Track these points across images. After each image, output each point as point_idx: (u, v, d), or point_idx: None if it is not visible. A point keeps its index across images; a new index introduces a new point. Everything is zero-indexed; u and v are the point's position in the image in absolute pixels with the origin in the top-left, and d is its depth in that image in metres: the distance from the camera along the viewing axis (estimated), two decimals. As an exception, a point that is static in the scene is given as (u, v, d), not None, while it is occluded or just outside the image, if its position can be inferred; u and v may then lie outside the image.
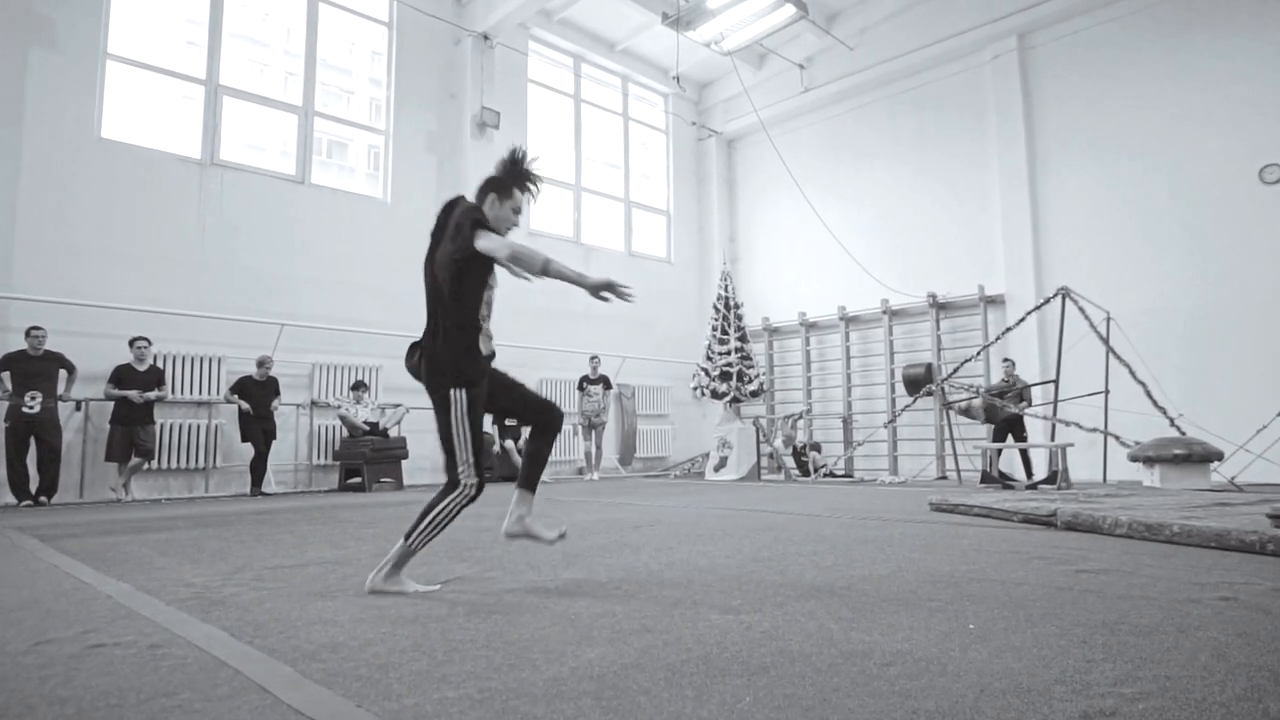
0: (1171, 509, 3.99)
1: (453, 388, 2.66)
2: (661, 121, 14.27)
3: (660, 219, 14.14)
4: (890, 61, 12.06)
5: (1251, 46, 9.10)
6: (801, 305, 13.05)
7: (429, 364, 2.70)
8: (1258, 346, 8.83)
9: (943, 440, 11.13)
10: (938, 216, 11.74)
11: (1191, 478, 6.41)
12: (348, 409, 8.82)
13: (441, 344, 2.71)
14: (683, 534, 4.09)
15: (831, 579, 2.72)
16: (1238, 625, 1.98)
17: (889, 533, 4.05)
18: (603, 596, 2.45)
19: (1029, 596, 2.38)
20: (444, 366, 2.68)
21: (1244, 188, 9.04)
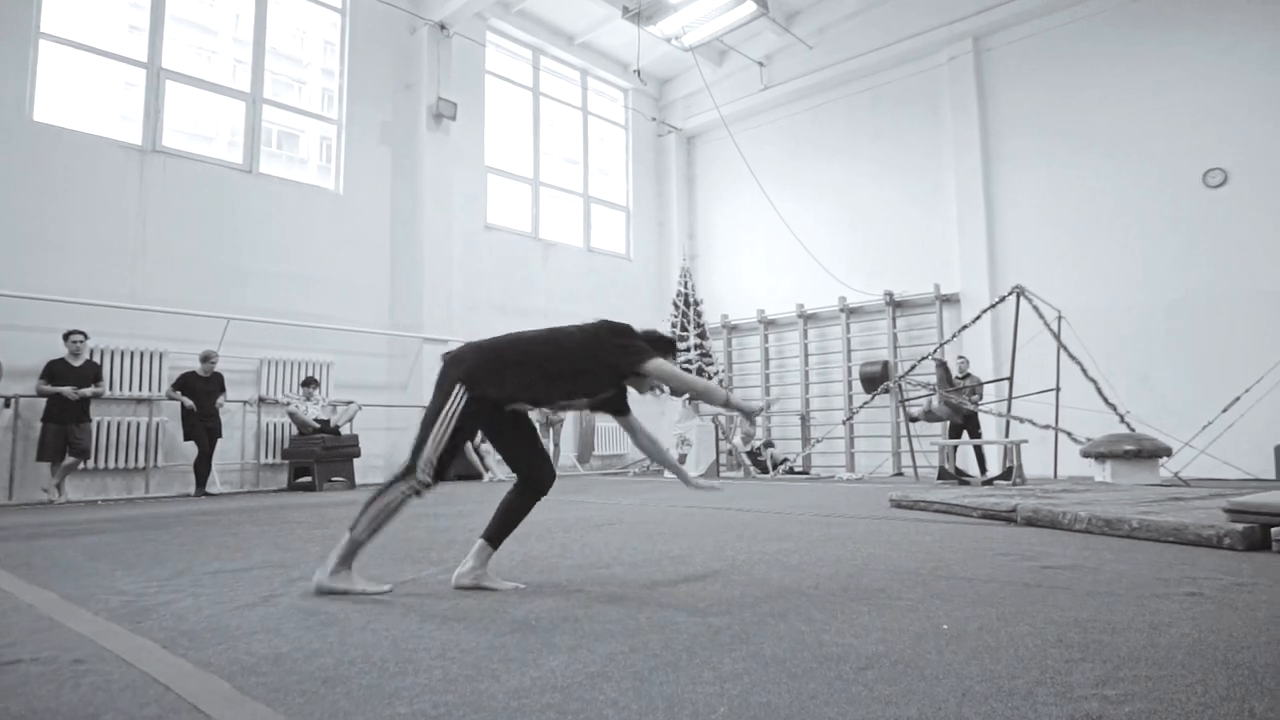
0: (1127, 504, 4.03)
1: (463, 385, 2.56)
2: (621, 117, 14.17)
3: (619, 215, 14.05)
4: (849, 61, 12.14)
5: (1196, 54, 9.35)
6: (760, 303, 13.08)
7: (469, 355, 2.67)
8: (1200, 345, 9.09)
9: (898, 437, 11.25)
10: (895, 215, 11.85)
11: (1141, 473, 6.54)
12: (297, 406, 8.55)
13: (500, 364, 2.63)
14: (644, 533, 4.01)
15: (799, 578, 2.66)
16: (1207, 621, 1.97)
17: (852, 530, 4.02)
18: (564, 600, 2.35)
19: (998, 594, 2.35)
20: (473, 370, 2.59)
21: (1189, 191, 9.29)
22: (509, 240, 11.95)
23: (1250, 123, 8.97)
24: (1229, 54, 9.15)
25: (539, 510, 5.30)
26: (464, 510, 5.50)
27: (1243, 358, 8.53)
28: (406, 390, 10.27)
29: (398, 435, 10.20)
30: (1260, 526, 3.06)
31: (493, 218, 11.75)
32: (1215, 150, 9.14)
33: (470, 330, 11.06)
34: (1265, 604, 2.15)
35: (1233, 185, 9.05)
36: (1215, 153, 9.14)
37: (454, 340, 10.68)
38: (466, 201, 11.27)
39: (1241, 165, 9.02)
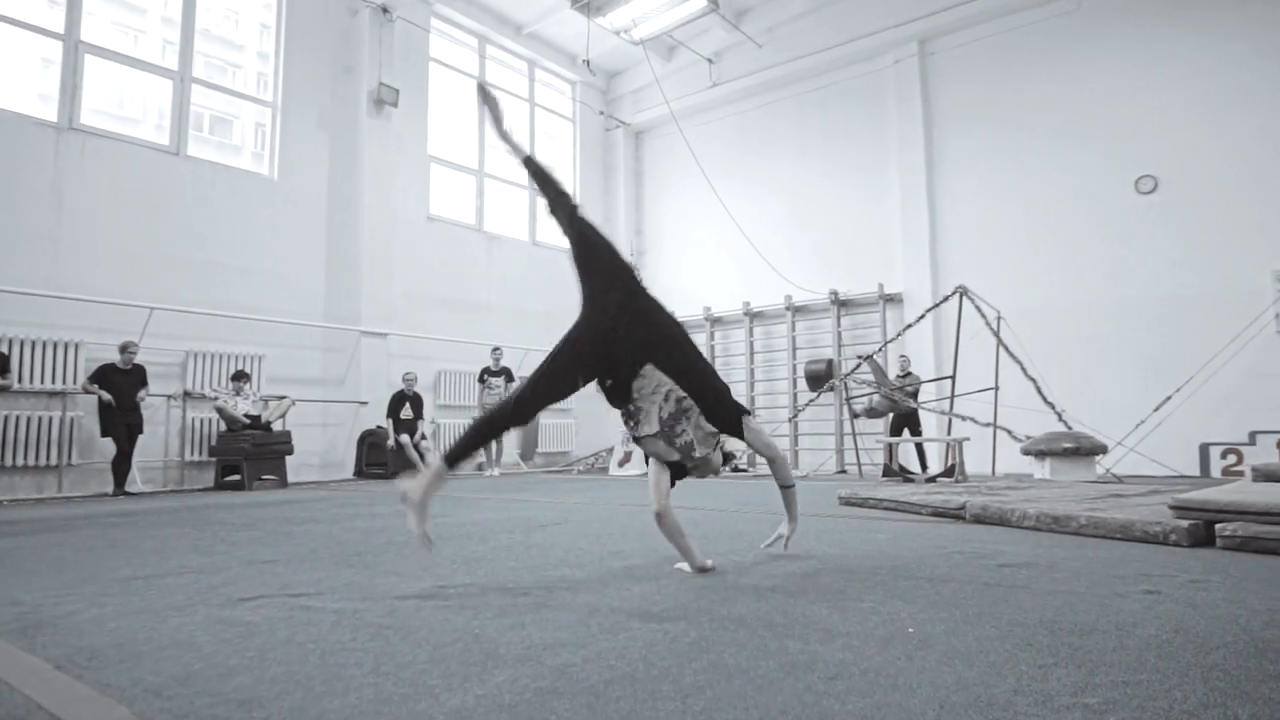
0: (1072, 501, 4.06)
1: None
2: (569, 109, 13.98)
3: (566, 209, 13.83)
4: (797, 60, 12.18)
5: (1129, 64, 9.64)
6: (707, 300, 13.05)
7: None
8: (1131, 347, 9.37)
9: (842, 435, 11.35)
10: (841, 215, 11.95)
11: (1079, 470, 6.69)
12: (226, 401, 8.16)
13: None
14: (592, 533, 3.88)
15: (755, 580, 2.56)
16: (1172, 621, 1.93)
17: (804, 528, 3.95)
18: (510, 606, 2.20)
19: (959, 594, 2.29)
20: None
21: (1122, 197, 9.57)
22: (452, 232, 11.66)
23: (1179, 132, 9.28)
24: (1160, 65, 9.45)
25: (480, 510, 5.14)
26: (401, 510, 5.26)
27: (1171, 359, 8.82)
28: (344, 385, 9.92)
29: (334, 432, 9.84)
30: (1204, 523, 3.09)
31: (436, 208, 11.45)
32: (1146, 158, 9.43)
33: (411, 324, 10.76)
34: (1223, 602, 2.13)
35: (1163, 192, 9.35)
36: (1146, 160, 9.43)
37: (394, 334, 10.37)
38: (408, 191, 10.95)
39: (1171, 172, 9.32)
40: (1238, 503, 3.03)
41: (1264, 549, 2.87)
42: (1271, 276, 8.74)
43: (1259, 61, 8.93)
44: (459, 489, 7.67)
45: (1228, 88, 9.07)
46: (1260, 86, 8.91)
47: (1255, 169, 8.87)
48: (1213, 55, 9.17)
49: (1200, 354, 8.51)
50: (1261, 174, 8.83)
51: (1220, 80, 9.10)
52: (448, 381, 11.21)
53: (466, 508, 5.42)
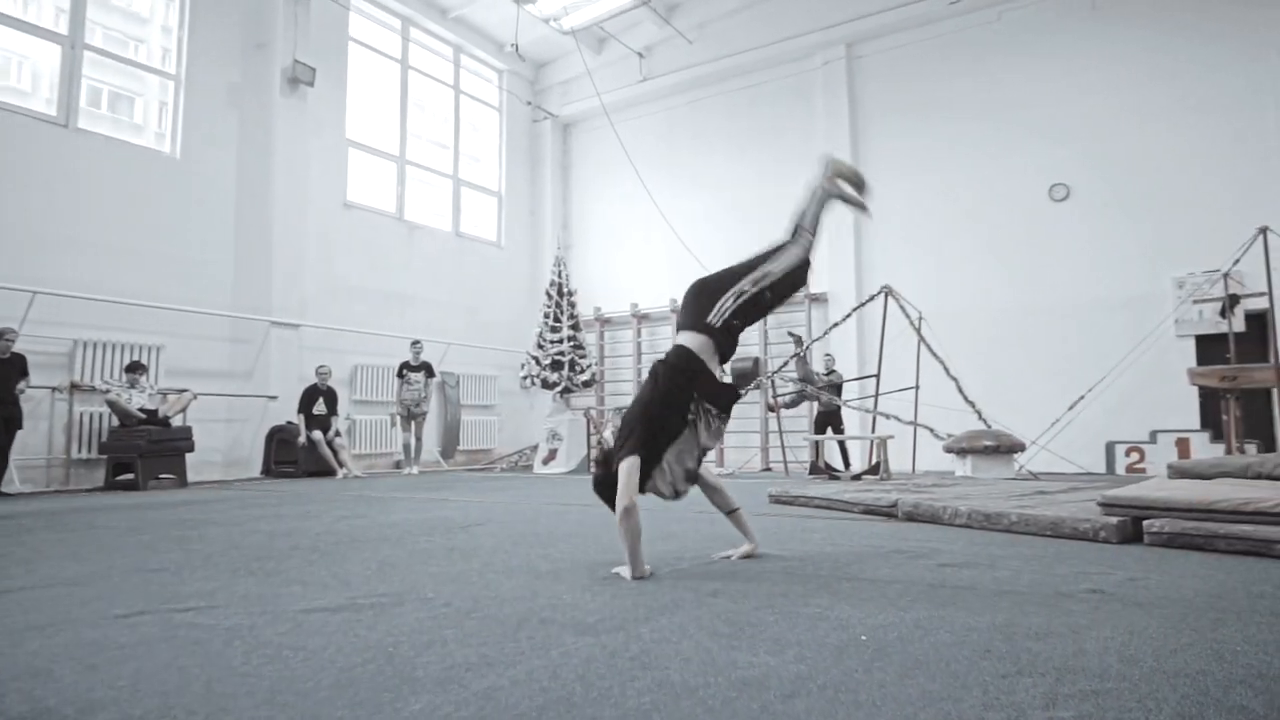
0: (1000, 498, 4.08)
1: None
2: (495, 98, 13.63)
3: (491, 200, 13.52)
4: (728, 58, 12.18)
5: (1045, 75, 9.97)
6: (634, 296, 12.94)
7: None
8: (1044, 348, 9.70)
9: (767, 433, 11.41)
10: (769, 213, 11.97)
11: (999, 467, 6.84)
12: (119, 394, 7.56)
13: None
14: (518, 535, 3.68)
15: (694, 583, 2.42)
16: (1124, 622, 1.88)
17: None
18: (429, 619, 2.00)
19: (905, 597, 2.20)
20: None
21: (1037, 203, 9.90)
22: (371, 220, 11.19)
23: (1090, 143, 9.65)
24: (1074, 78, 9.82)
25: (397, 510, 4.86)
26: (310, 511, 4.95)
27: (1081, 360, 9.15)
28: (252, 379, 9.37)
29: (240, 428, 9.30)
30: (1132, 520, 3.12)
31: (353, 195, 10.96)
32: (1061, 167, 9.78)
33: (326, 315, 10.26)
34: (1166, 601, 2.10)
35: (1075, 200, 9.71)
36: (1061, 169, 9.78)
37: (307, 325, 9.87)
38: (324, 176, 10.44)
39: (1083, 181, 9.69)
40: (1164, 499, 3.07)
41: (1190, 545, 2.90)
42: (1172, 283, 9.17)
43: (1164, 80, 9.36)
44: (373, 488, 7.32)
45: (1136, 103, 9.48)
46: (1164, 104, 9.34)
47: (1158, 181, 9.30)
48: (1122, 71, 9.56)
49: (1107, 355, 8.84)
50: (1163, 186, 9.27)
51: (1129, 95, 9.51)
52: (364, 376, 10.75)
53: (382, 508, 5.13)
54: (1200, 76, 9.22)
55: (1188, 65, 9.29)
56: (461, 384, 12.01)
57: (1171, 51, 9.38)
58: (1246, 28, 9.08)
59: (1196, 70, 9.25)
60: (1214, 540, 2.83)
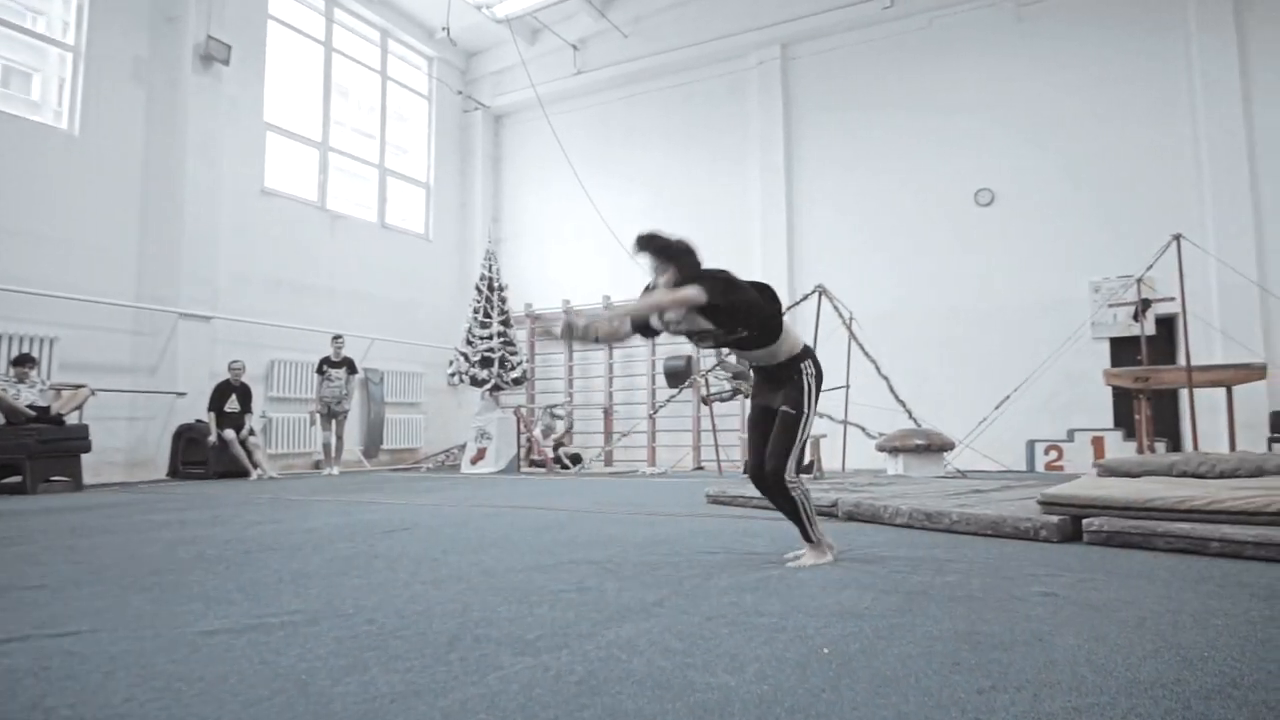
0: (938, 497, 4.08)
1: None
2: (424, 86, 13.22)
3: (419, 191, 13.10)
4: (663, 54, 12.10)
5: (971, 82, 10.21)
6: (566, 292, 12.72)
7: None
8: (969, 348, 9.94)
9: (699, 431, 11.37)
10: (703, 211, 11.95)
11: (929, 466, 6.93)
12: (4, 389, 6.96)
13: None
14: (447, 540, 3.47)
15: (638, 592, 2.28)
16: (1085, 628, 1.82)
17: (677, 529, 3.73)
18: (349, 638, 1.80)
19: (859, 603, 2.11)
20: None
21: (963, 207, 10.13)
22: (290, 208, 10.67)
23: (1014, 149, 9.93)
24: (998, 85, 10.08)
25: (315, 514, 4.56)
26: (219, 516, 4.61)
27: (1004, 361, 9.40)
28: (156, 374, 8.80)
29: (144, 426, 8.72)
30: (1071, 518, 3.12)
31: (271, 181, 10.43)
32: (986, 172, 10.03)
33: (240, 307, 9.73)
34: (1120, 604, 2.06)
35: (999, 204, 9.98)
36: (986, 174, 10.03)
37: (219, 317, 9.34)
38: (240, 160, 9.89)
39: (1007, 186, 9.96)
40: (1103, 498, 3.08)
41: (1128, 543, 2.91)
42: (1089, 287, 9.51)
43: (1085, 91, 9.70)
44: (289, 490, 6.94)
45: (1057, 112, 9.79)
46: (1084, 114, 9.68)
47: (1077, 188, 9.63)
48: (1045, 81, 9.87)
49: (1029, 356, 9.09)
50: (1082, 193, 9.60)
51: (1051, 105, 9.82)
52: (282, 372, 10.24)
53: (298, 512, 4.82)
54: (1119, 89, 9.59)
55: (1107, 78, 9.65)
56: (386, 380, 11.60)
57: (1092, 64, 9.72)
58: (1163, 44, 9.49)
59: (1116, 83, 9.61)
60: (1152, 539, 2.85)
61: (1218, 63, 9.19)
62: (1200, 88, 9.25)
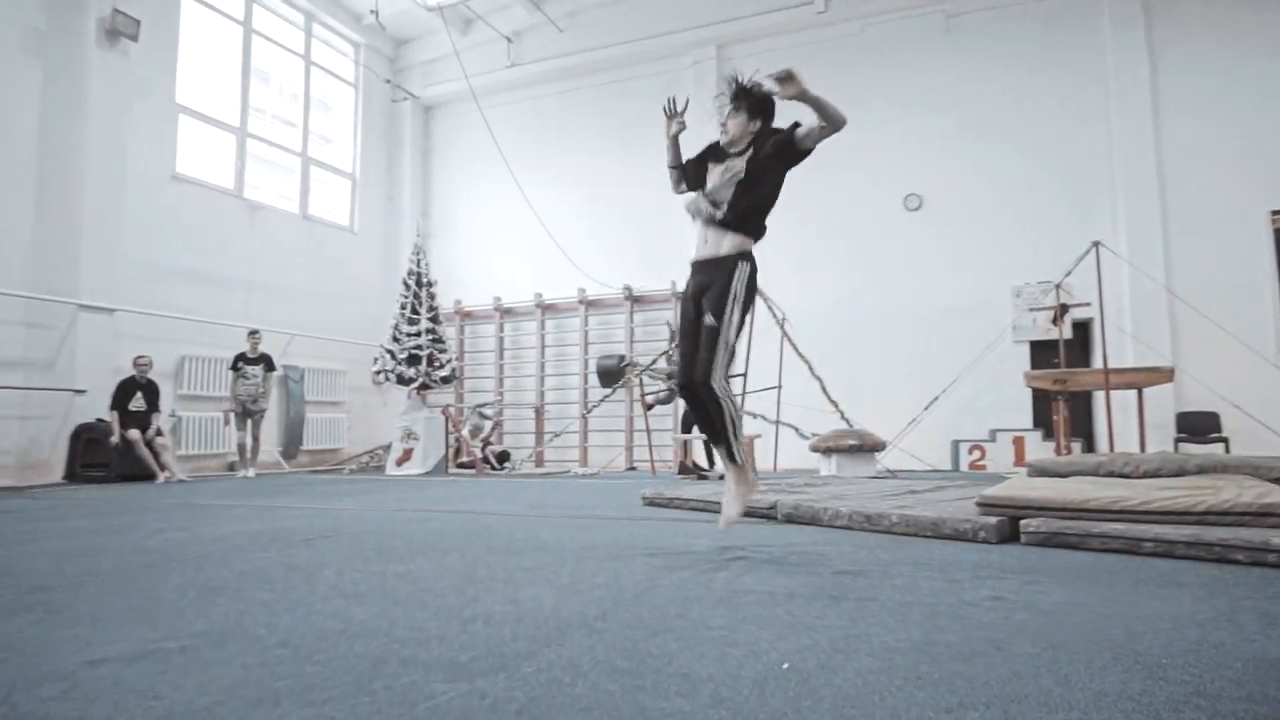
0: (875, 498, 4.07)
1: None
2: (351, 74, 12.76)
3: (344, 183, 12.64)
4: (598, 50, 11.98)
5: (903, 89, 10.42)
6: (498, 289, 12.49)
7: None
8: (897, 350, 10.13)
9: (632, 432, 11.28)
10: (637, 211, 11.87)
11: (862, 466, 7.00)
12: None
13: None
14: (371, 548, 3.26)
15: (579, 604, 2.14)
16: (1041, 635, 1.77)
17: (614, 534, 3.61)
18: (258, 664, 1.61)
19: (809, 612, 2.03)
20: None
21: (894, 212, 10.32)
22: (205, 196, 10.13)
23: (941, 155, 10.17)
24: (928, 92, 10.32)
25: (227, 520, 4.27)
26: (120, 523, 4.27)
27: (931, 363, 9.61)
28: (53, 370, 8.21)
29: (38, 426, 8.12)
30: (1009, 519, 3.13)
31: (184, 167, 9.88)
32: (915, 177, 10.25)
33: (147, 299, 9.17)
34: (1072, 608, 2.04)
35: (927, 209, 10.20)
36: (915, 179, 10.25)
37: (124, 310, 8.78)
38: (148, 143, 9.33)
39: (935, 192, 10.20)
40: (1040, 499, 3.10)
41: (1064, 544, 2.93)
42: (1011, 292, 9.80)
43: (1010, 101, 10.01)
44: (200, 494, 6.54)
45: (983, 120, 10.07)
46: (1009, 123, 9.98)
47: (1001, 195, 9.93)
48: (972, 90, 10.14)
49: (954, 359, 9.32)
50: (1006, 200, 9.90)
51: (977, 113, 10.09)
52: (193, 368, 9.71)
53: (209, 518, 4.51)
54: (1041, 100, 9.92)
55: (1030, 89, 9.98)
56: (306, 378, 11.14)
57: (1015, 75, 10.03)
58: (1081, 59, 9.86)
59: (1037, 94, 9.94)
60: (1087, 539, 2.87)
61: (1130, 79, 9.60)
62: (1115, 102, 9.64)
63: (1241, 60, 9.32)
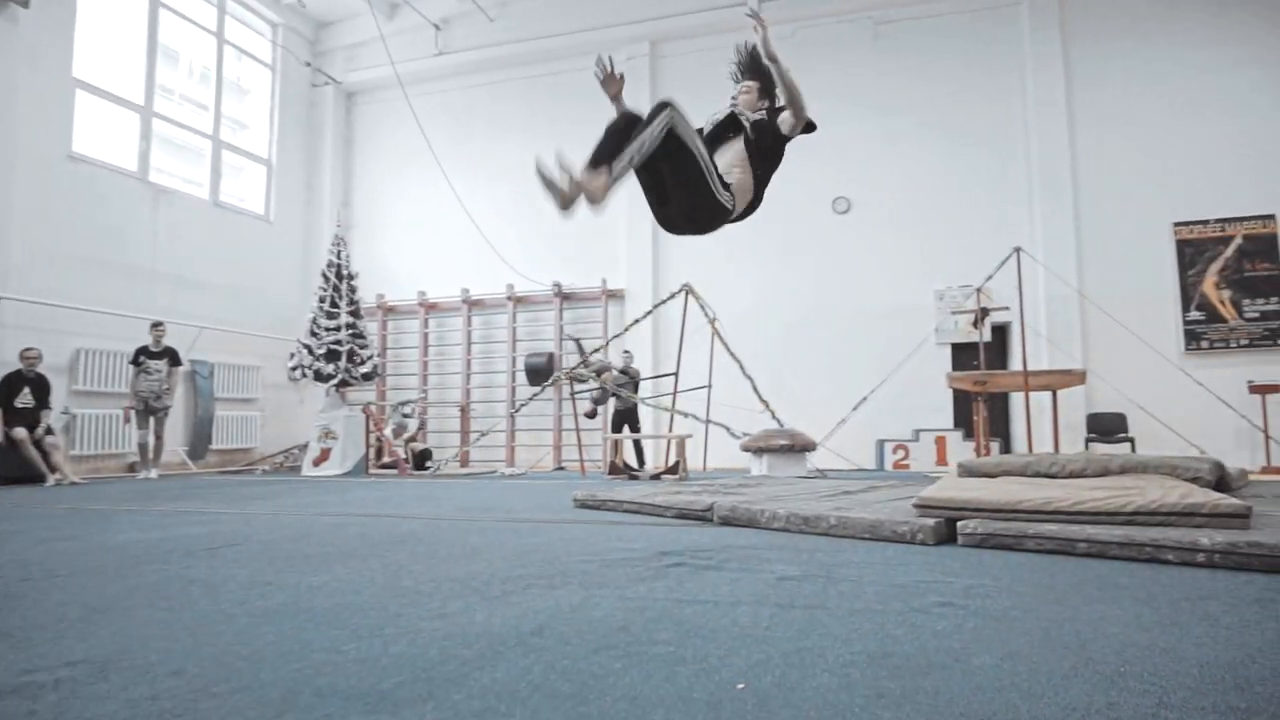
0: (811, 499, 4.04)
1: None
2: (268, 55, 12.17)
3: (259, 169, 12.06)
4: (529, 42, 11.76)
5: (831, 93, 10.54)
6: (423, 284, 12.12)
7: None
8: (825, 351, 10.26)
9: (560, 431, 11.11)
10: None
11: (793, 466, 7.02)
12: None
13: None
14: (283, 557, 3.03)
15: (513, 618, 2.00)
16: (996, 644, 1.72)
17: (547, 538, 3.46)
18: (146, 698, 1.41)
19: (758, 623, 1.93)
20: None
21: (823, 215, 10.45)
22: (104, 178, 9.49)
23: (870, 159, 10.35)
24: (856, 97, 10.48)
25: (123, 528, 3.93)
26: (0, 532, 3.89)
27: (856, 364, 9.76)
28: (-73, 362, 7.52)
29: (-92, 423, 7.41)
30: (946, 520, 3.12)
31: (81, 146, 9.22)
32: (843, 181, 10.40)
33: (38, 287, 8.53)
34: (1022, 613, 2.00)
35: (855, 213, 10.36)
36: (843, 183, 10.40)
37: (10, 298, 8.13)
38: (41, 118, 8.68)
39: (863, 195, 10.36)
40: (976, 500, 3.10)
41: (1001, 545, 2.93)
42: (934, 295, 10.04)
43: (934, 109, 10.26)
44: (95, 498, 6.08)
45: (909, 127, 10.30)
46: (934, 131, 10.23)
47: (926, 200, 10.16)
48: (898, 97, 10.35)
49: (879, 360, 9.49)
50: (930, 205, 10.14)
51: (904, 120, 10.31)
52: (90, 362, 9.08)
53: (102, 525, 4.16)
54: (964, 109, 10.20)
55: (954, 97, 10.25)
56: (216, 374, 10.57)
57: (940, 83, 10.29)
58: (1005, 70, 10.17)
59: (961, 103, 10.21)
60: (1023, 540, 2.88)
61: (1048, 93, 9.97)
62: (1033, 114, 9.99)
63: (1152, 80, 9.79)
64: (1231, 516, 2.75)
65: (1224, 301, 9.34)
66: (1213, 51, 9.68)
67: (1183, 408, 8.84)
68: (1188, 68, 9.69)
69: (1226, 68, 9.62)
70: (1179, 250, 9.59)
